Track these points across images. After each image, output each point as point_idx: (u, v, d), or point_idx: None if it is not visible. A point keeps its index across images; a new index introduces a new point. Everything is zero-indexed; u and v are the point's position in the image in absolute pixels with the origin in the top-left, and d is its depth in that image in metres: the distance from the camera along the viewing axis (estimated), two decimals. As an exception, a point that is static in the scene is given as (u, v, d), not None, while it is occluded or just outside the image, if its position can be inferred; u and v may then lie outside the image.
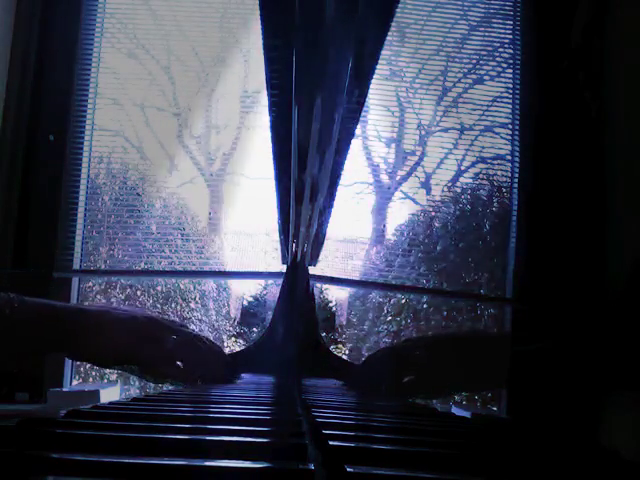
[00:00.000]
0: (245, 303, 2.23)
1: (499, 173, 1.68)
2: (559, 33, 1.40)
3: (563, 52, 1.37)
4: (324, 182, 0.88)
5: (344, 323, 2.21)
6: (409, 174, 1.80)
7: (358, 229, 1.92)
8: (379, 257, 1.89)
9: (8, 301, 0.67)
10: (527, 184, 1.52)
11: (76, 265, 1.53)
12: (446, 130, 1.71)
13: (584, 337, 0.75)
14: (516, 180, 1.56)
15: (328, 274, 1.65)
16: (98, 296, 1.91)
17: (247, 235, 1.87)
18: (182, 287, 2.12)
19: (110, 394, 1.14)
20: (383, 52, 1.36)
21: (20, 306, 0.67)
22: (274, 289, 1.73)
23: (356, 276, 1.88)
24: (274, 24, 0.64)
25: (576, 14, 1.33)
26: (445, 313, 1.97)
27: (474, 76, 1.66)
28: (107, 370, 1.64)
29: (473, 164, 1.71)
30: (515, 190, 1.56)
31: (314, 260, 1.33)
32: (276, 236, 1.34)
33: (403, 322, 2.12)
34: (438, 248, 1.76)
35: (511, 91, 1.59)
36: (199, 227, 1.87)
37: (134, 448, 0.28)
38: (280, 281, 1.29)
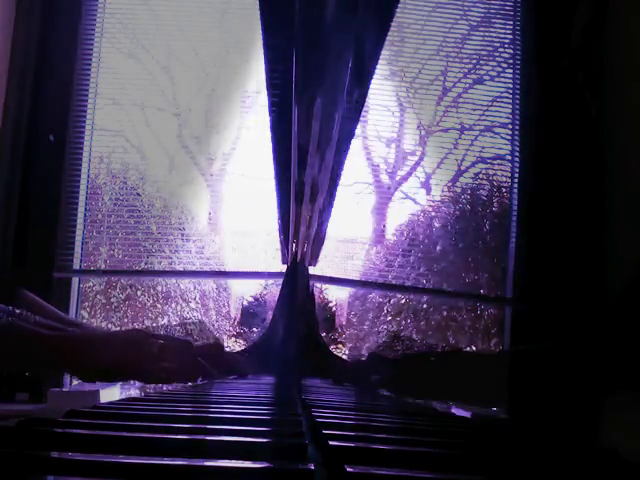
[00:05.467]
0: (245, 303, 2.23)
1: (499, 173, 1.68)
2: (559, 33, 1.40)
3: (563, 52, 1.37)
4: (324, 182, 0.88)
5: (344, 323, 2.21)
6: (409, 174, 1.80)
7: (358, 229, 1.92)
8: (379, 257, 1.89)
9: (9, 314, 0.68)
10: (527, 184, 1.52)
11: (76, 265, 1.53)
12: (446, 130, 1.71)
13: (584, 337, 0.75)
14: (516, 180, 1.56)
15: (328, 274, 1.66)
16: (98, 296, 1.91)
17: (247, 235, 1.87)
18: (182, 287, 2.12)
19: (110, 394, 1.14)
20: (383, 52, 1.36)
21: (17, 322, 0.68)
22: (274, 289, 1.73)
23: (356, 276, 1.88)
24: (274, 24, 0.64)
25: (576, 14, 1.33)
26: (445, 313, 1.97)
27: (474, 76, 1.66)
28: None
29: (473, 164, 1.71)
30: (515, 190, 1.56)
31: (314, 260, 1.33)
32: (276, 236, 1.34)
33: (403, 322, 2.12)
34: (438, 248, 1.76)
35: (511, 91, 1.59)
36: (199, 227, 1.87)
37: (134, 448, 0.27)
38: (280, 281, 1.29)
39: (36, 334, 0.69)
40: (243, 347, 1.77)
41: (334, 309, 2.22)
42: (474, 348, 1.85)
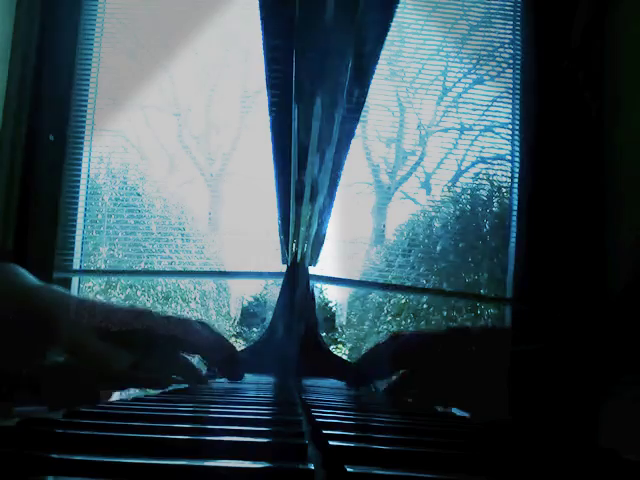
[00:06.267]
0: (245, 303, 2.23)
1: (499, 173, 1.68)
2: (559, 33, 1.40)
3: (563, 52, 1.37)
4: (324, 182, 0.88)
5: (344, 323, 2.21)
6: (409, 174, 1.80)
7: (358, 229, 1.92)
8: (379, 257, 1.89)
9: None
10: (527, 184, 1.52)
11: (76, 265, 1.53)
12: (446, 130, 1.71)
13: (584, 337, 0.75)
14: (516, 180, 1.56)
15: (328, 274, 1.66)
16: (98, 296, 1.91)
17: (247, 235, 1.87)
18: (182, 287, 2.12)
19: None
20: (383, 52, 1.36)
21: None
22: (274, 289, 1.73)
23: (356, 276, 1.88)
24: (274, 24, 0.64)
25: (576, 14, 1.33)
26: (445, 313, 1.97)
27: (474, 76, 1.66)
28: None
29: (473, 164, 1.71)
30: (515, 190, 1.56)
31: (314, 260, 1.33)
32: (276, 236, 1.34)
33: (403, 322, 2.12)
34: (438, 248, 1.76)
35: (511, 91, 1.59)
36: (199, 227, 1.88)
37: (134, 448, 0.27)
38: (280, 281, 1.29)
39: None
40: (243, 347, 1.77)
41: (334, 309, 2.21)
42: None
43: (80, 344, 0.66)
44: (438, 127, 1.72)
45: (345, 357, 2.01)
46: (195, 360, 0.79)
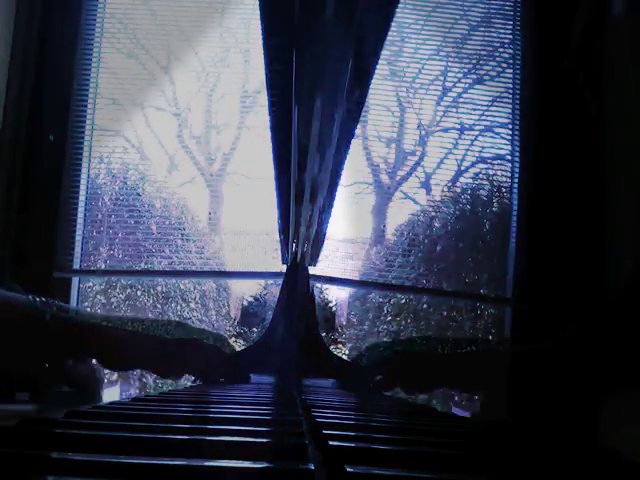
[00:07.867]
0: (245, 303, 2.23)
1: (499, 173, 1.68)
2: (559, 33, 1.40)
3: (563, 52, 1.37)
4: (324, 182, 0.88)
5: (344, 323, 2.21)
6: (409, 174, 1.80)
7: (358, 229, 1.92)
8: (379, 257, 1.89)
9: (48, 306, 0.69)
10: (527, 184, 1.52)
11: (76, 265, 1.53)
12: (446, 130, 1.71)
13: (584, 337, 0.75)
14: (516, 180, 1.56)
15: (328, 274, 1.66)
16: (98, 296, 1.91)
17: (247, 235, 1.87)
18: (182, 287, 2.12)
19: (110, 394, 1.14)
20: (383, 52, 1.36)
21: (56, 313, 0.70)
22: (274, 289, 1.73)
23: (356, 276, 1.88)
24: (274, 24, 0.64)
25: (576, 14, 1.33)
26: (445, 313, 1.97)
27: (474, 76, 1.66)
28: (107, 370, 1.63)
29: (473, 164, 1.71)
30: (515, 190, 1.56)
31: (314, 260, 1.33)
32: (276, 236, 1.34)
33: (403, 322, 2.12)
34: (438, 248, 1.76)
35: (511, 91, 1.59)
36: (199, 227, 1.87)
37: (134, 448, 0.27)
38: (280, 281, 1.29)
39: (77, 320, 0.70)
40: (243, 347, 1.77)
41: (334, 309, 2.21)
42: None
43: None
44: (438, 127, 1.72)
45: (345, 357, 2.01)
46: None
